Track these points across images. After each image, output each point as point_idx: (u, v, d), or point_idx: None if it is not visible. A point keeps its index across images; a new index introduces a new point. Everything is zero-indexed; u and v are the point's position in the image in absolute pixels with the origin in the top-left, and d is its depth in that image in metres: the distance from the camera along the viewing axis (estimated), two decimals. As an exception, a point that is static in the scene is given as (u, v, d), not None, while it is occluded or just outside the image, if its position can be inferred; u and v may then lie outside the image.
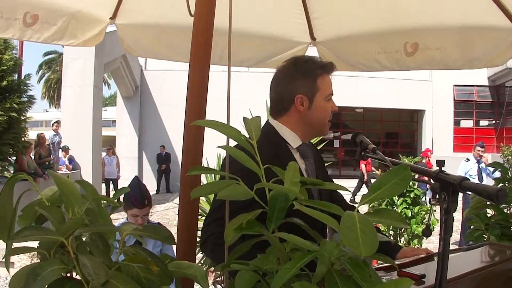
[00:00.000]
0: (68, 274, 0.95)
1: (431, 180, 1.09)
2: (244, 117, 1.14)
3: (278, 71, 1.96)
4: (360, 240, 0.76)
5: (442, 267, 1.03)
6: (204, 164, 5.50)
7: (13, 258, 5.78)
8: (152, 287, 0.92)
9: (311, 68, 1.89)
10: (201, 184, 1.81)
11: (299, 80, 1.88)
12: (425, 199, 12.78)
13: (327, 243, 0.90)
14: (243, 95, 17.43)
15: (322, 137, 2.06)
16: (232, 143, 1.21)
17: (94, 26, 3.14)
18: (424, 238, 6.72)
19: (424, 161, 13.97)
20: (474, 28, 2.88)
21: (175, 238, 1.94)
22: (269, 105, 2.04)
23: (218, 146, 1.02)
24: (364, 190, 15.11)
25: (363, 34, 3.13)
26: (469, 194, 1.29)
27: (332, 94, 1.93)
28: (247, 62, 3.48)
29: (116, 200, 1.20)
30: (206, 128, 1.33)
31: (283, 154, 1.85)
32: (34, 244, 1.00)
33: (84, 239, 1.09)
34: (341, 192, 2.11)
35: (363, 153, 1.75)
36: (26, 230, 0.94)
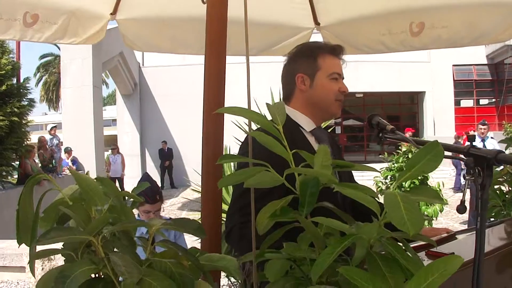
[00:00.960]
0: (96, 275, 0.93)
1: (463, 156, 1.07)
2: (267, 103, 1.12)
3: (285, 58, 2.00)
4: (406, 218, 0.74)
5: (480, 242, 1.01)
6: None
7: (20, 263, 5.77)
8: (186, 282, 0.90)
9: (311, 48, 1.94)
10: (223, 173, 1.80)
11: (299, 60, 1.92)
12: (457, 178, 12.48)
13: (364, 225, 0.87)
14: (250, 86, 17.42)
15: (333, 119, 2.04)
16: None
17: (95, 23, 3.10)
18: (434, 219, 6.74)
19: (460, 140, 13.76)
20: (480, 4, 2.84)
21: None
22: (273, 94, 2.05)
23: (247, 132, 0.99)
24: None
25: (367, 16, 3.08)
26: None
27: (339, 75, 1.92)
28: (252, 51, 3.43)
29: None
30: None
31: (298, 138, 1.86)
32: (56, 246, 0.98)
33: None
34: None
35: (380, 134, 1.72)
36: (52, 231, 0.91)
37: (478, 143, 8.75)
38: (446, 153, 1.28)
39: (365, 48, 3.22)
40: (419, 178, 6.46)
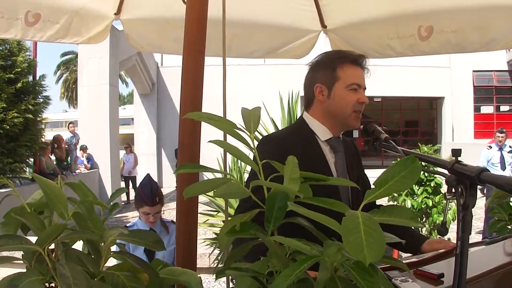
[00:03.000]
0: (53, 285, 0.89)
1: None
2: (242, 108, 1.05)
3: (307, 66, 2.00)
4: (364, 243, 0.66)
5: (460, 268, 0.92)
6: (219, 160, 5.39)
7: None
8: (138, 298, 0.84)
9: (331, 58, 1.91)
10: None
11: (320, 70, 1.91)
12: None
13: (331, 246, 0.80)
14: (258, 88, 17.43)
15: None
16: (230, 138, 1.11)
17: (99, 23, 3.07)
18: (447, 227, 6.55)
19: None
20: (491, 8, 2.74)
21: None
22: (282, 97, 2.03)
23: (209, 141, 0.93)
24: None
25: (375, 19, 3.01)
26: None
27: (359, 85, 1.88)
28: (257, 53, 3.39)
29: (111, 204, 1.14)
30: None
31: (310, 145, 1.86)
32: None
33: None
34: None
35: (375, 143, 1.65)
36: (2, 239, 0.88)
37: (495, 151, 8.53)
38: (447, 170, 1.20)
39: (373, 52, 3.14)
40: (432, 185, 6.32)
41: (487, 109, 22.43)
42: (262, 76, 18.76)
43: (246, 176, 5.56)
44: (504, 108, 22.56)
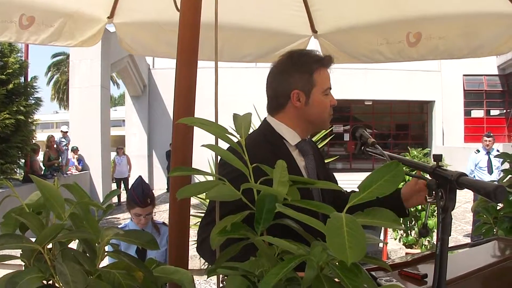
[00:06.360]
0: (51, 282, 0.93)
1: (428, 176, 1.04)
2: (234, 114, 1.09)
3: (274, 66, 1.89)
4: (346, 244, 0.70)
5: (440, 269, 0.96)
6: (210, 163, 5.39)
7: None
8: (134, 294, 0.88)
9: (307, 62, 1.82)
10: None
11: (294, 75, 1.81)
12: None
13: (317, 246, 0.85)
14: (250, 91, 17.48)
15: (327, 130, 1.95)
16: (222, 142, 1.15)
17: (92, 26, 3.10)
18: (434, 230, 6.61)
19: None
20: (478, 15, 2.80)
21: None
22: None
23: (202, 145, 0.97)
24: None
25: (364, 25, 3.06)
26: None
27: (330, 88, 1.86)
28: (248, 57, 3.43)
29: (106, 205, 1.17)
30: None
31: (281, 152, 1.79)
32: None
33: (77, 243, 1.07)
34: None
35: (363, 147, 1.69)
36: (2, 238, 0.91)
37: (483, 155, 8.60)
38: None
39: (363, 57, 3.20)
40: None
41: (477, 113, 22.65)
42: (253, 78, 18.80)
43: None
44: (494, 112, 22.79)
